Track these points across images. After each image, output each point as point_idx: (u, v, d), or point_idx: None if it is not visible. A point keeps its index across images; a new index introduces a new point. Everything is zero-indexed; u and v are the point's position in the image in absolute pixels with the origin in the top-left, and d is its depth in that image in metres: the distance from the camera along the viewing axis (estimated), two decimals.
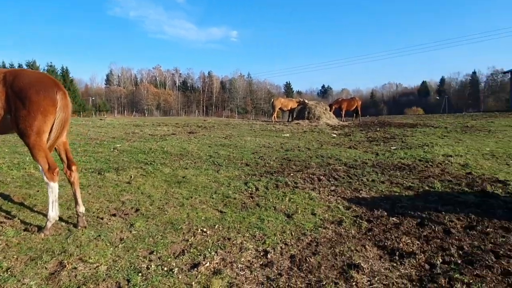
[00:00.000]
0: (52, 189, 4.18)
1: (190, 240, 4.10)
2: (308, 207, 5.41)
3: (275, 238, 4.20)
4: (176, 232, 4.34)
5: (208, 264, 3.47)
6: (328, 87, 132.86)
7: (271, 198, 5.89)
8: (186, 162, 8.78)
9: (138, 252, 3.75)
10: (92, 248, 3.80)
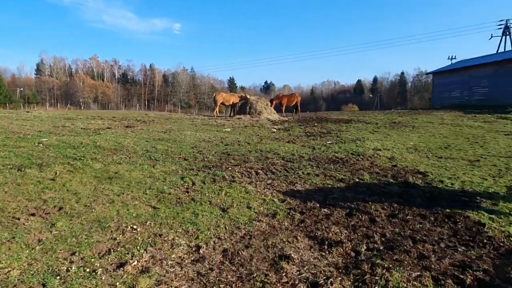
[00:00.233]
0: None
1: (118, 238, 3.89)
2: (244, 201, 5.43)
3: (209, 232, 4.15)
4: (103, 230, 4.09)
5: (135, 263, 3.31)
6: (271, 83, 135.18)
7: (208, 192, 5.81)
8: (120, 157, 8.35)
9: (58, 253, 3.47)
10: (4, 252, 3.44)
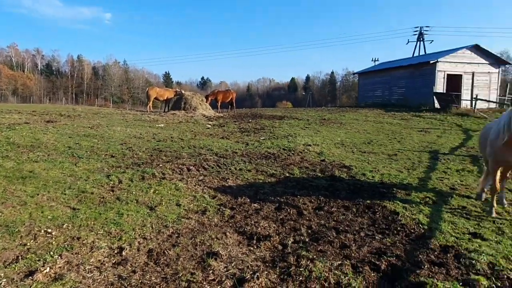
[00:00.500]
0: None
1: (29, 244, 3.53)
2: (174, 198, 5.27)
3: (133, 233, 3.95)
4: (11, 236, 3.68)
5: (47, 270, 3.03)
6: (208, 79, 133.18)
7: (135, 190, 5.54)
8: (37, 155, 7.62)
9: None
10: None
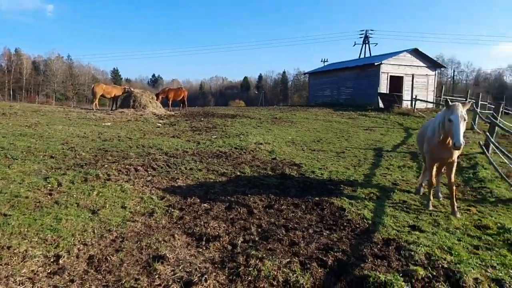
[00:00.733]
0: None
1: None
2: (119, 200, 5.03)
3: (73, 239, 3.69)
4: None
5: None
6: (159, 76, 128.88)
7: (76, 193, 5.20)
8: None
9: None
10: None
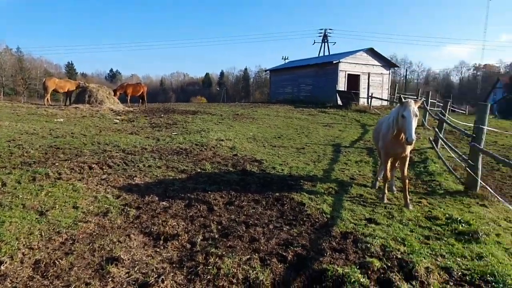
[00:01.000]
0: None
1: None
2: (70, 200, 4.74)
3: (17, 243, 3.42)
4: None
5: None
6: (117, 71, 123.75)
7: (22, 194, 4.85)
8: None
9: None
10: None
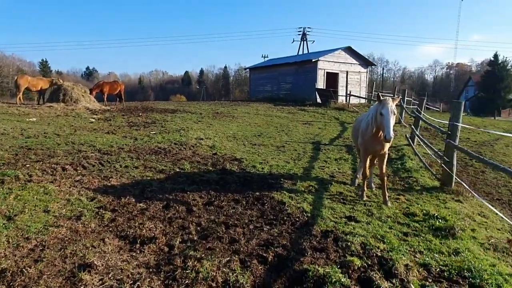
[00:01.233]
0: None
1: None
2: (41, 204, 4.52)
3: None
4: None
5: None
6: (94, 69, 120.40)
7: None
8: None
9: None
10: None
